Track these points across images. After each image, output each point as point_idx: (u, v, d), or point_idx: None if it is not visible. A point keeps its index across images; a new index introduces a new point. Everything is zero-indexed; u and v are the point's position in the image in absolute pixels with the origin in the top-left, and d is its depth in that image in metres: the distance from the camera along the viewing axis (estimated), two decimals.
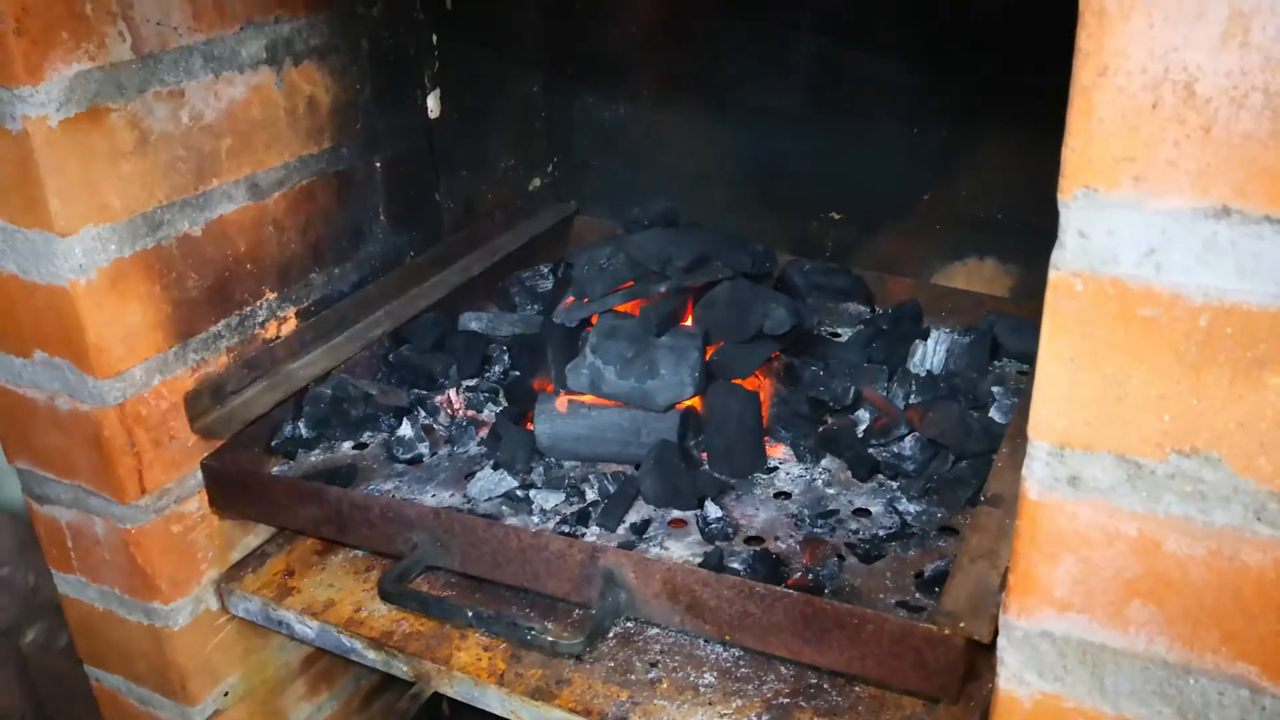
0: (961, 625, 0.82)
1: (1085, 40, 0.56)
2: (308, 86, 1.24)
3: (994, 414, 1.22)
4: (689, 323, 1.23)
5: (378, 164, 1.37)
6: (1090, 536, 0.66)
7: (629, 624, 1.04)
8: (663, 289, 1.17)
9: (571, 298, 1.28)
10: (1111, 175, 0.57)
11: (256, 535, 1.26)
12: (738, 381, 1.18)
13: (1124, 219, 0.58)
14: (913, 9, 1.39)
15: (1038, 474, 0.66)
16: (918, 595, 0.99)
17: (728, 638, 0.93)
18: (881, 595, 1.00)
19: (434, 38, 1.44)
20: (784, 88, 1.50)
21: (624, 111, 1.64)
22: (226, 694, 1.28)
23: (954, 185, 1.45)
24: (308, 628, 1.16)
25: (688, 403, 1.18)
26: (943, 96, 1.41)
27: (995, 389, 1.26)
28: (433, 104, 1.44)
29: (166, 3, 1.06)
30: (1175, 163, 0.56)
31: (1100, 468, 0.64)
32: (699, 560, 1.04)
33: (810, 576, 1.01)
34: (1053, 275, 0.61)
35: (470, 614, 0.96)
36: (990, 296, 1.47)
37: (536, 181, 1.70)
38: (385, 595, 1.02)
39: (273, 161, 1.21)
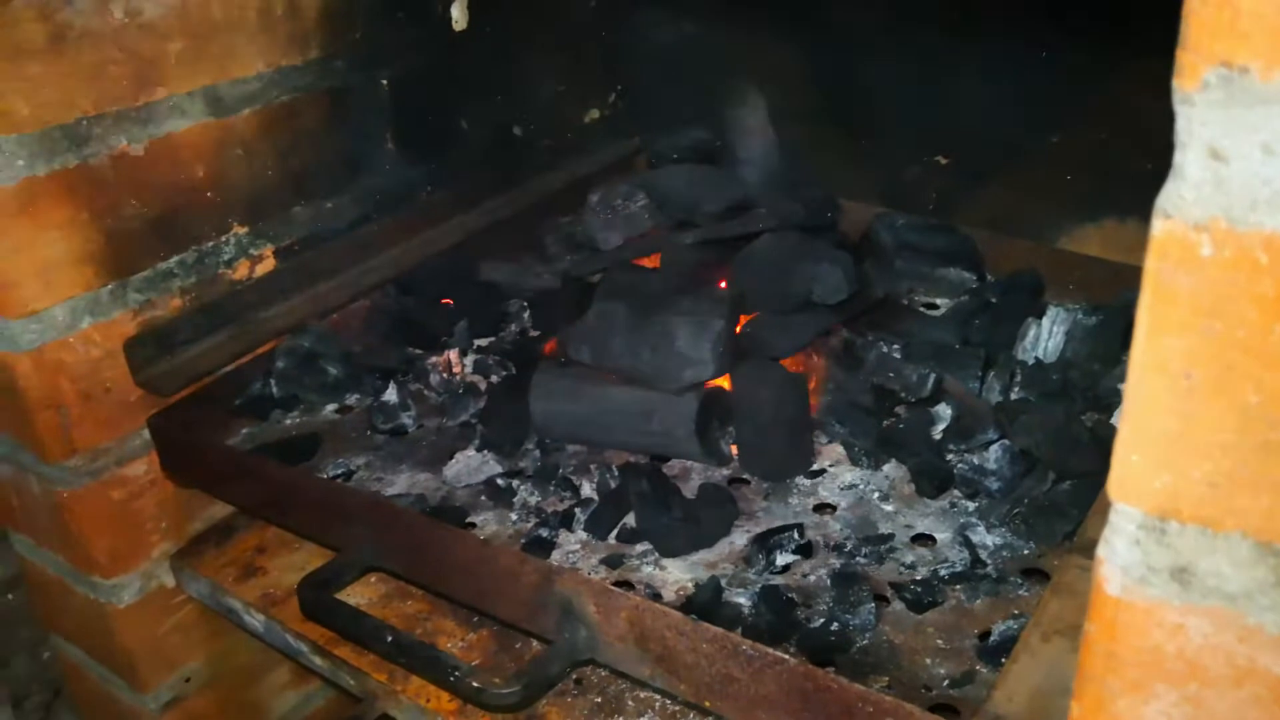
0: None
1: None
2: None
3: (1117, 420, 0.94)
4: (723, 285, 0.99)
5: (384, 81, 1.17)
6: (1205, 665, 0.40)
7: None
8: (687, 240, 0.93)
9: None
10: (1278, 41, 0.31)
11: (224, 505, 1.09)
12: (777, 361, 0.94)
13: None
14: None
15: (1122, 556, 0.41)
16: (977, 666, 0.74)
17: (706, 704, 0.70)
18: (927, 662, 0.74)
19: None
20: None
21: (694, 31, 1.39)
22: (188, 680, 1.13)
23: (1091, 124, 1.15)
24: (255, 620, 0.99)
25: (713, 383, 0.95)
26: (1080, 8, 1.10)
27: (1123, 387, 0.97)
28: (457, 13, 1.22)
29: None
30: None
31: (1228, 559, 0.38)
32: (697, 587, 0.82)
33: (835, 625, 0.77)
34: (1158, 227, 0.35)
35: (388, 639, 0.76)
36: (1131, 267, 1.16)
37: (594, 113, 1.47)
38: (302, 602, 0.83)
39: (240, 72, 1.02)
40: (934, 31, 1.21)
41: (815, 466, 0.95)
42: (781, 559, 0.83)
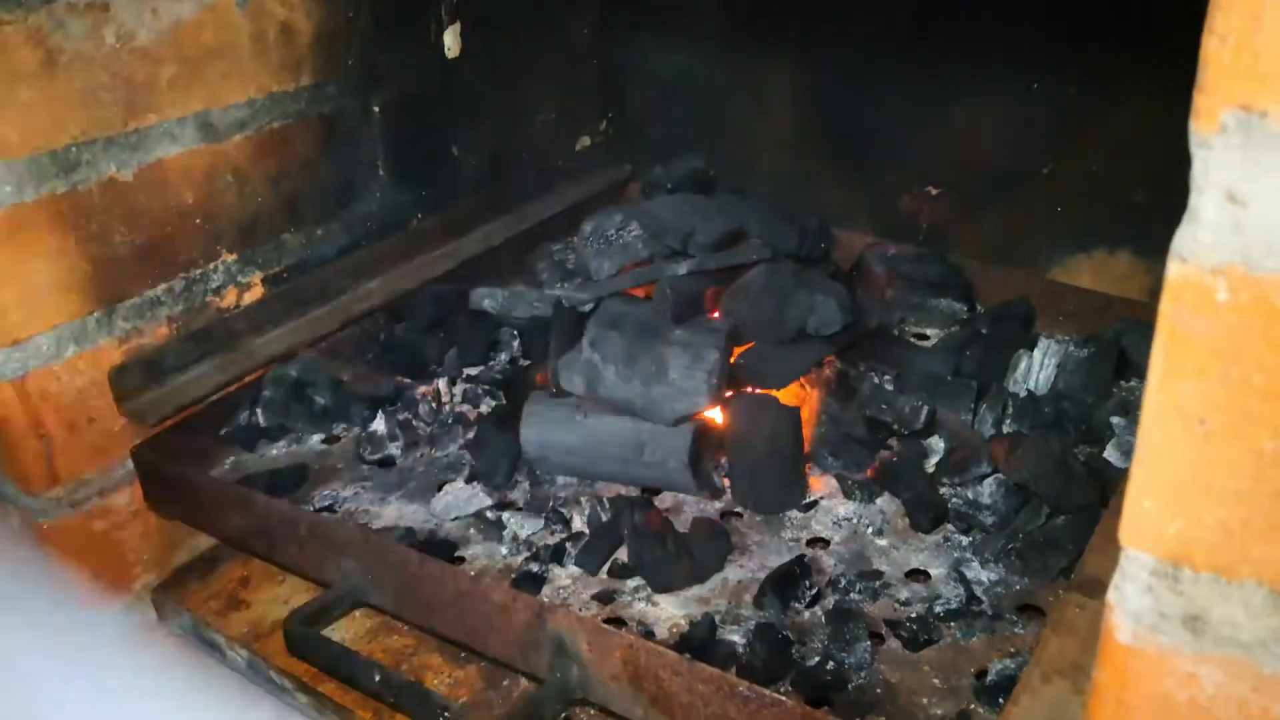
0: None
1: None
2: (281, 9, 1.04)
3: (1110, 453, 0.94)
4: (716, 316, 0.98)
5: (376, 108, 1.16)
6: (1217, 715, 0.39)
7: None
8: (682, 270, 0.93)
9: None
10: None
11: (208, 536, 1.07)
12: (771, 392, 0.93)
13: None
14: None
15: (1133, 603, 0.40)
16: (974, 706, 0.73)
17: None
18: (924, 701, 0.73)
19: None
20: (875, 32, 1.22)
21: (688, 60, 1.39)
22: None
23: (1082, 156, 1.16)
24: (238, 656, 0.97)
25: (706, 414, 0.94)
26: (1073, 44, 1.11)
27: (1116, 420, 0.97)
28: (450, 40, 1.22)
29: None
30: None
31: (1243, 607, 0.37)
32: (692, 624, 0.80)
33: (830, 664, 0.76)
34: (1173, 270, 0.35)
35: (377, 678, 0.75)
36: (1122, 299, 1.16)
37: (585, 140, 1.47)
38: (289, 639, 0.81)
39: (232, 97, 1.01)
40: (927, 63, 1.22)
41: (808, 499, 0.94)
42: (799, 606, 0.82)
